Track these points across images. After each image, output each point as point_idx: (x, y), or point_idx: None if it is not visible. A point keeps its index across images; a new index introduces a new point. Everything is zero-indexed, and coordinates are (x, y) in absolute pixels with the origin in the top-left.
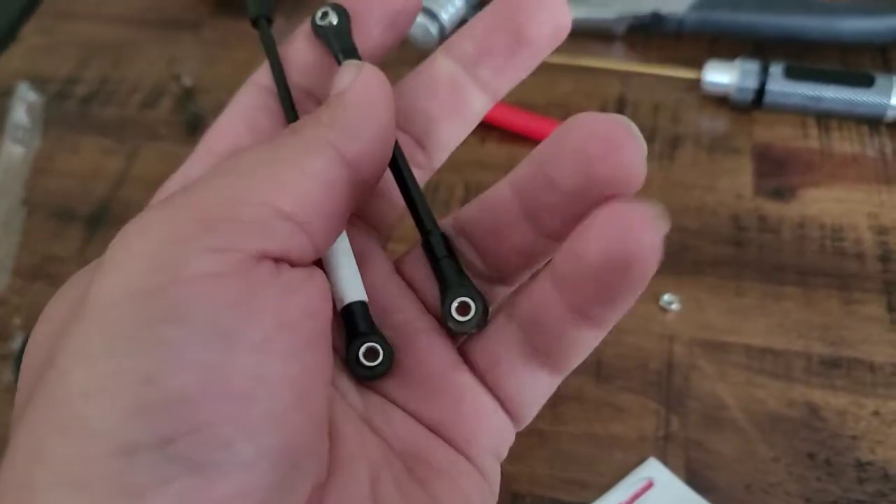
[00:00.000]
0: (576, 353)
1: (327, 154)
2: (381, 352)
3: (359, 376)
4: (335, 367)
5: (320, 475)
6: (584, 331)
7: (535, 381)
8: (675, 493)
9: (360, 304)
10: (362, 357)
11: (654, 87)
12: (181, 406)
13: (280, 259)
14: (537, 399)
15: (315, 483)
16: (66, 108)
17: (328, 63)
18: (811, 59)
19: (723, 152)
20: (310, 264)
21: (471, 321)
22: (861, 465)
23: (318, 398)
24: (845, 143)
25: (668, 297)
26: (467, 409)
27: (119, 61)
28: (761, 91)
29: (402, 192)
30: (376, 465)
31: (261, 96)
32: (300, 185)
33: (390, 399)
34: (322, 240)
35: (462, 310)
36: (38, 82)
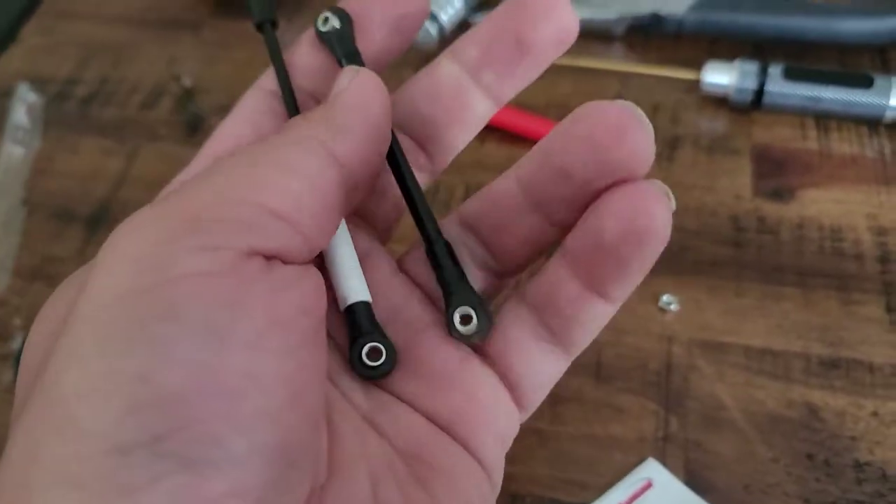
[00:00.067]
0: (588, 330)
1: (317, 152)
2: (385, 351)
3: (363, 376)
4: (339, 366)
5: (318, 474)
6: (597, 307)
7: (546, 362)
8: (673, 494)
9: (364, 304)
10: (365, 357)
11: (653, 88)
12: (174, 404)
13: (271, 256)
14: (546, 383)
15: (314, 483)
16: (65, 109)
17: (333, 67)
18: (810, 60)
19: (722, 153)
20: (305, 262)
21: (474, 330)
22: (860, 466)
23: (314, 396)
24: (844, 144)
25: (667, 298)
26: (480, 399)
27: (119, 62)
28: (760, 92)
29: (406, 199)
30: (377, 466)
31: (266, 100)
32: (289, 182)
33: (399, 396)
34: (315, 237)
35: (465, 320)
36: (38, 83)
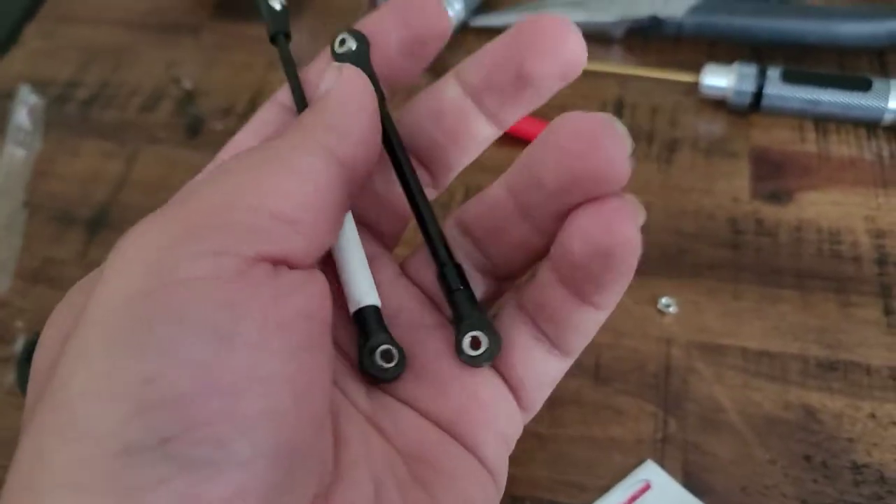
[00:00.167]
0: (581, 334)
1: (318, 153)
2: (396, 354)
3: (375, 378)
4: (343, 370)
5: (323, 476)
6: (586, 313)
7: (546, 363)
8: (671, 496)
9: (373, 308)
10: (379, 359)
11: (652, 91)
12: (179, 405)
13: (279, 261)
14: (546, 384)
15: (319, 485)
16: (66, 112)
17: None
18: (809, 63)
19: (720, 156)
20: (311, 266)
21: (482, 355)
22: (857, 468)
23: (318, 398)
24: (843, 147)
25: (665, 300)
26: (481, 398)
27: (119, 65)
28: (759, 95)
29: (419, 223)
30: (381, 470)
31: (280, 114)
32: (293, 185)
33: (402, 400)
34: (319, 238)
35: (474, 344)
36: (39, 85)
